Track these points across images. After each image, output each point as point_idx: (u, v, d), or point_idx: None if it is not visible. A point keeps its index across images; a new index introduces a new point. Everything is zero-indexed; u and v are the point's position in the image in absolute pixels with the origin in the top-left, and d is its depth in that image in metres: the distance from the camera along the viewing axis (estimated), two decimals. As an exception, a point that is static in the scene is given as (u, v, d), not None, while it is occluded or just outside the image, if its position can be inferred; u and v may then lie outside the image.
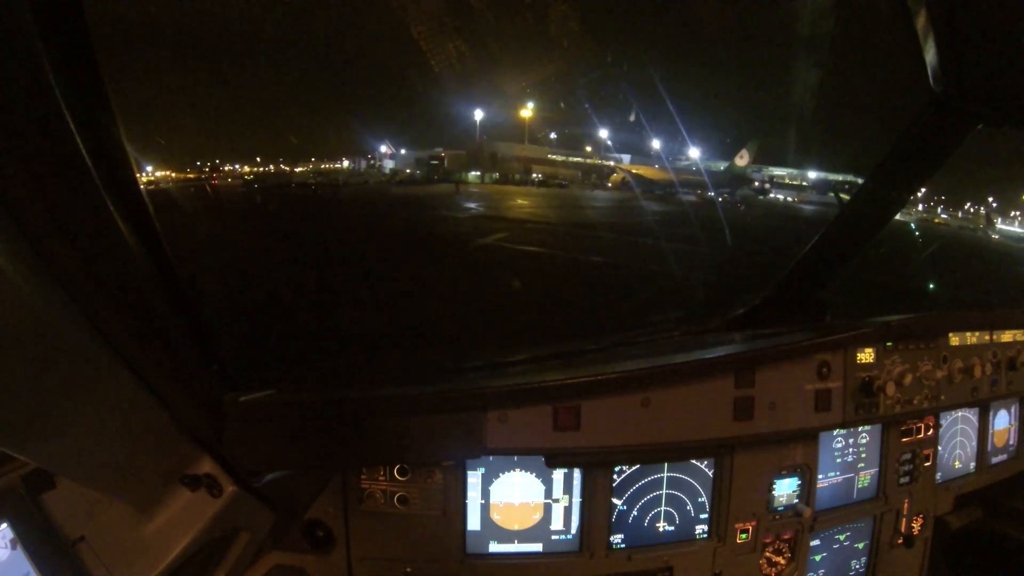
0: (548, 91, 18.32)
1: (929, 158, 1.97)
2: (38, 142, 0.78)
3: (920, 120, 1.84)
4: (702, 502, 1.99)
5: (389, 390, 1.68)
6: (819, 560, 2.20)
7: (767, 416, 1.85)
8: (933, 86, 1.71)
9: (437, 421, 1.63)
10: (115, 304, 0.95)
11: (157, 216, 1.07)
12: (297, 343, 5.05)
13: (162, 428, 1.15)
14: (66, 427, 0.95)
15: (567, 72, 10.36)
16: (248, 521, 1.42)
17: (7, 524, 1.16)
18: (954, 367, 2.18)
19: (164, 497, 1.24)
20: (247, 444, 1.44)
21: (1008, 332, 2.37)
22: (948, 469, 2.44)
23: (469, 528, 1.86)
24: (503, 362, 2.11)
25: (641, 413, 1.74)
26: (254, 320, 5.46)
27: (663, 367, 1.77)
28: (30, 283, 0.78)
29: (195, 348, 1.26)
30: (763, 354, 1.86)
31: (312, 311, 6.57)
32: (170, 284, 1.13)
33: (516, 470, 1.86)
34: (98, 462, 1.08)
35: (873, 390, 1.98)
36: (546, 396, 1.67)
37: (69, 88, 0.80)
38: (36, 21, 0.75)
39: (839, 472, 2.19)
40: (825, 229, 2.29)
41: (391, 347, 5.09)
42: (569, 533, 1.91)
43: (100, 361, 0.95)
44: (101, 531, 1.23)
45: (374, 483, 1.80)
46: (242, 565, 1.48)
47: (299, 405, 1.57)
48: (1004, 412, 2.61)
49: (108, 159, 0.92)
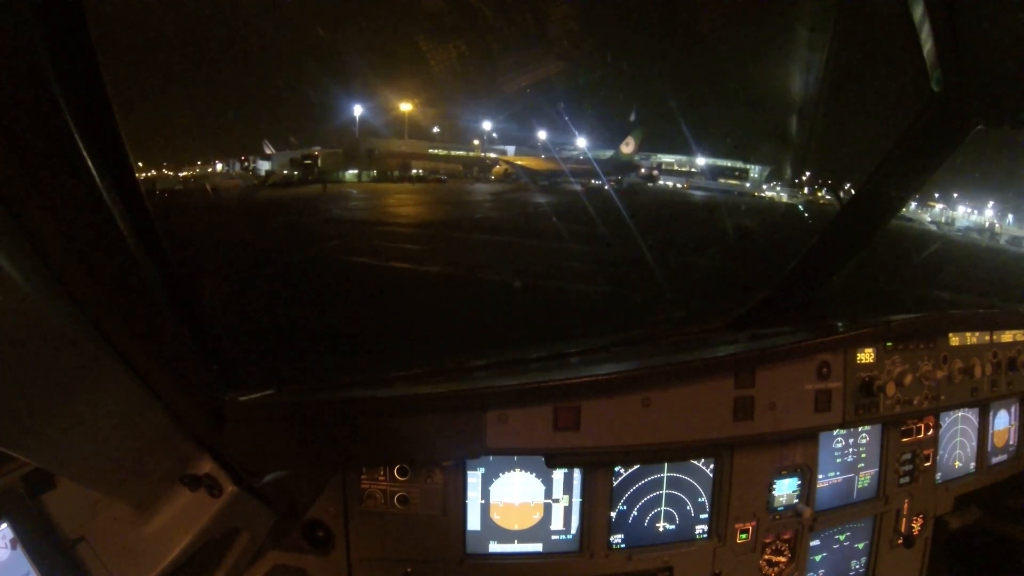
0: (433, 85, 17.82)
1: (929, 158, 1.97)
2: (38, 142, 0.78)
3: (920, 120, 1.84)
4: (702, 502, 1.99)
5: (389, 390, 1.68)
6: (819, 560, 2.20)
7: (767, 416, 1.85)
8: (933, 86, 1.71)
9: (437, 421, 1.63)
10: (115, 304, 0.95)
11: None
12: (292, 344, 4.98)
13: (162, 428, 1.15)
14: (66, 427, 0.95)
15: (452, 64, 10.04)
16: (248, 521, 1.42)
17: (7, 524, 1.16)
18: (954, 367, 2.18)
19: (164, 497, 1.25)
20: (247, 444, 1.44)
21: (1008, 332, 2.37)
22: (948, 469, 2.44)
23: (469, 528, 1.86)
24: (503, 362, 2.11)
25: (641, 413, 1.73)
26: (254, 320, 5.42)
27: (663, 367, 1.77)
28: (30, 283, 0.78)
29: (195, 348, 1.26)
30: (763, 354, 1.86)
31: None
32: (170, 284, 1.12)
33: (516, 470, 1.86)
34: (98, 462, 1.08)
35: (873, 390, 1.98)
36: (546, 396, 1.67)
37: (69, 88, 0.80)
38: (36, 21, 0.75)
39: (839, 472, 2.19)
40: (825, 229, 2.29)
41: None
42: (569, 533, 1.91)
43: (100, 361, 0.95)
44: (101, 531, 1.23)
45: (374, 483, 1.80)
46: (242, 565, 1.48)
47: (299, 405, 1.57)
48: (1004, 412, 2.61)
49: (108, 159, 0.92)
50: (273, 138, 14.20)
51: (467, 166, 20.35)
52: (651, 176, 22.54)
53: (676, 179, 23.46)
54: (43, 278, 0.82)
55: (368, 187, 17.16)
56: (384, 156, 17.84)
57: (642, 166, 22.28)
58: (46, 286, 0.83)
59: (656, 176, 22.88)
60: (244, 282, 6.80)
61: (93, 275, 0.90)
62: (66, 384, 0.91)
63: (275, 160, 14.87)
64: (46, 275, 0.83)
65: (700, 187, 22.50)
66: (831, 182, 14.54)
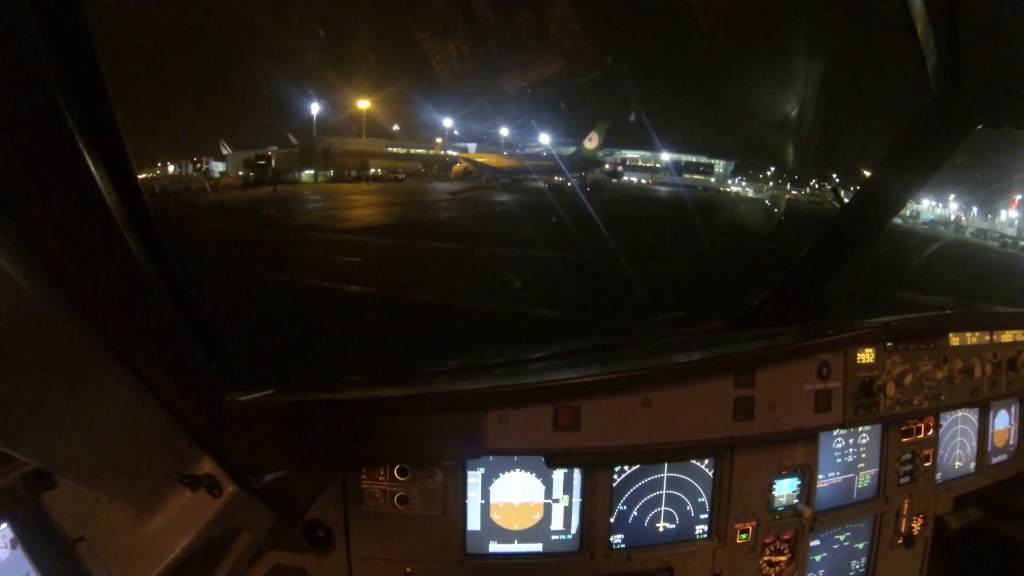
0: (393, 81, 17.46)
1: (929, 158, 1.97)
2: (38, 142, 0.78)
3: (920, 120, 1.84)
4: (702, 502, 1.99)
5: (389, 390, 1.68)
6: (819, 560, 2.20)
7: (767, 416, 1.84)
8: (933, 86, 1.71)
9: (437, 421, 1.63)
10: (115, 304, 0.95)
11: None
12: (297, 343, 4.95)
13: (162, 428, 1.15)
14: (66, 427, 0.95)
15: (413, 60, 9.76)
16: (248, 521, 1.42)
17: (7, 524, 1.16)
18: (954, 367, 2.18)
19: (164, 497, 1.24)
20: (247, 444, 1.44)
21: (1008, 332, 2.37)
22: (948, 469, 2.44)
23: (469, 528, 1.86)
24: (503, 362, 2.11)
25: (641, 413, 1.73)
26: (255, 320, 5.40)
27: (663, 367, 1.77)
28: (30, 283, 0.78)
29: (195, 348, 1.26)
30: (763, 354, 1.86)
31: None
32: (170, 284, 1.12)
33: (516, 470, 1.86)
34: (98, 462, 1.08)
35: (873, 390, 1.98)
36: (546, 396, 1.67)
37: (69, 88, 0.80)
38: (36, 21, 0.75)
39: (839, 472, 2.19)
40: (825, 229, 2.29)
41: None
42: (569, 533, 1.91)
43: (100, 361, 0.95)
44: (101, 531, 1.23)
45: (374, 483, 1.80)
46: (242, 565, 1.47)
47: (299, 405, 1.57)
48: (1004, 412, 2.61)
49: (108, 159, 0.92)
50: (230, 138, 13.72)
51: (427, 164, 20.01)
52: (615, 172, 22.39)
53: (641, 174, 23.34)
54: (43, 278, 0.82)
55: (322, 188, 16.62)
56: (341, 155, 17.45)
57: (606, 162, 22.11)
58: (46, 286, 0.83)
59: (621, 172, 22.74)
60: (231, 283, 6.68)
61: (93, 275, 0.90)
62: (66, 384, 0.91)
63: (230, 161, 14.34)
64: (46, 275, 0.83)
65: (666, 183, 22.42)
66: (797, 177, 14.58)
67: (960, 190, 14.20)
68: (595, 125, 20.12)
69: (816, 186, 14.42)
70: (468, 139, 21.21)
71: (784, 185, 15.20)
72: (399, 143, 19.91)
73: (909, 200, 2.35)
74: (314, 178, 17.02)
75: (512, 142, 21.09)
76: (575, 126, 20.64)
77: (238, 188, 13.89)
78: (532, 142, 21.34)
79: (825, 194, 14.14)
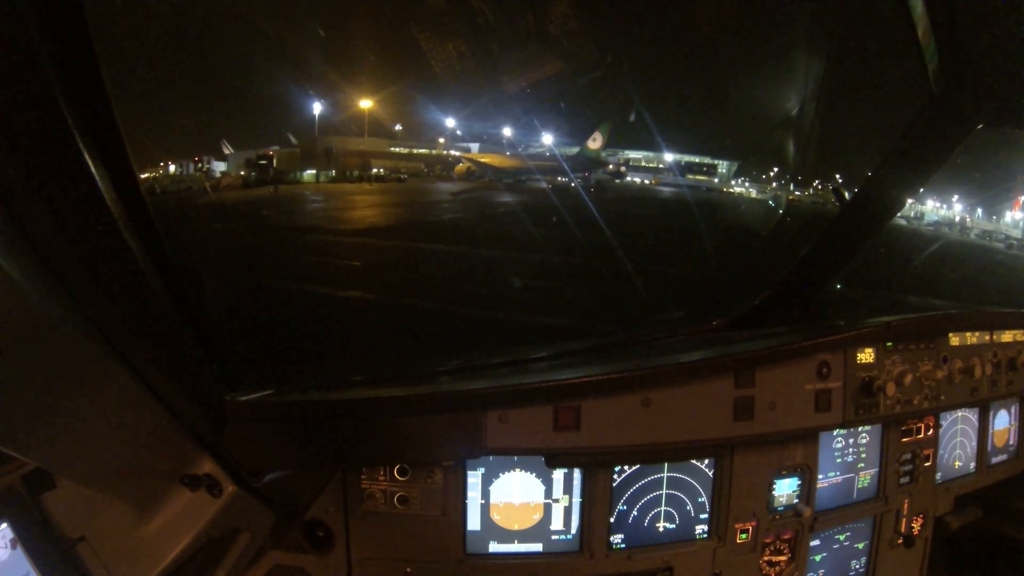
0: (396, 81, 17.29)
1: (929, 158, 1.97)
2: (38, 142, 0.78)
3: (920, 120, 1.84)
4: (702, 502, 1.99)
5: (389, 390, 1.68)
6: (819, 560, 2.19)
7: (767, 416, 1.84)
8: (933, 86, 1.71)
9: (437, 421, 1.63)
10: (115, 304, 0.95)
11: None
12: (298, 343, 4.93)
13: (162, 428, 1.15)
14: (66, 427, 0.95)
15: (416, 60, 9.63)
16: (248, 521, 1.42)
17: (7, 524, 1.16)
18: (954, 367, 2.18)
19: (164, 497, 1.24)
20: (247, 444, 1.44)
21: (1008, 332, 2.37)
22: (948, 469, 2.44)
23: (469, 528, 1.86)
24: (503, 362, 2.11)
25: (641, 413, 1.73)
26: (255, 320, 5.39)
27: (663, 367, 1.77)
28: (30, 283, 0.78)
29: (195, 348, 1.26)
30: (763, 354, 1.86)
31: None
32: (170, 284, 1.13)
33: (516, 470, 1.86)
34: (98, 462, 1.08)
35: (873, 390, 1.98)
36: (546, 396, 1.67)
37: (69, 88, 0.80)
38: (37, 22, 0.75)
39: (839, 472, 2.19)
40: (825, 229, 2.29)
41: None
42: (569, 533, 1.91)
43: (100, 361, 0.95)
44: (101, 531, 1.23)
45: (374, 483, 1.80)
46: (242, 565, 1.48)
47: (299, 405, 1.57)
48: (1004, 412, 2.61)
49: (108, 159, 0.92)
50: (231, 137, 13.63)
51: (429, 164, 19.92)
52: (619, 172, 22.31)
53: (644, 175, 23.26)
54: (43, 278, 0.82)
55: (324, 188, 16.55)
56: (343, 155, 17.36)
57: (609, 162, 22.07)
58: (46, 286, 0.83)
59: (624, 172, 22.67)
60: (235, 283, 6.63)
61: (93, 275, 0.90)
62: (66, 384, 0.91)
63: (231, 160, 14.26)
64: (46, 275, 0.83)
65: (669, 183, 22.38)
66: (800, 177, 14.56)
67: (964, 191, 14.11)
68: (598, 125, 20.08)
69: (819, 186, 14.42)
70: (471, 139, 21.10)
71: (787, 186, 15.20)
72: (401, 143, 19.79)
73: (909, 200, 2.34)
74: (316, 178, 16.92)
75: (515, 142, 20.97)
76: (578, 126, 20.53)
77: (239, 188, 13.83)
78: (535, 142, 21.23)
79: (827, 194, 14.10)
